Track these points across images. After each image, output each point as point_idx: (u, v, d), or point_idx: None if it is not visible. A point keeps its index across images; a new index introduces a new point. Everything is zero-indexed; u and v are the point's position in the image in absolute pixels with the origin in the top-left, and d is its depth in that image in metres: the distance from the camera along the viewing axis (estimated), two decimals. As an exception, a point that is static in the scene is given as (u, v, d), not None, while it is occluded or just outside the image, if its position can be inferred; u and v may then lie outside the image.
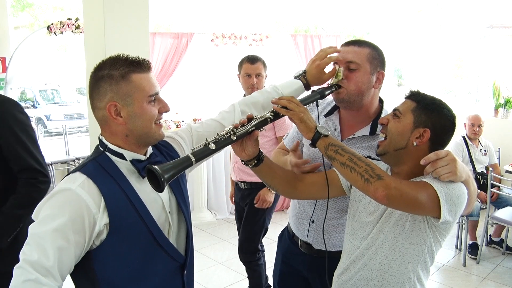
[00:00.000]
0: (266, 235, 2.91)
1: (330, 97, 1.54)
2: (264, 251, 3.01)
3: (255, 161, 1.35)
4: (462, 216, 3.52)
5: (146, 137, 1.18)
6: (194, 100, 5.43)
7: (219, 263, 3.67)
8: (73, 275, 1.14)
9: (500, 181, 4.00)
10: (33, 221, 1.07)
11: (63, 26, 4.70)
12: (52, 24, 4.74)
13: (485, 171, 3.95)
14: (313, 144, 1.27)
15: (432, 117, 1.27)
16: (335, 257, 1.51)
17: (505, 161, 4.70)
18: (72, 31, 4.75)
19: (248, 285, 2.96)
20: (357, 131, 1.55)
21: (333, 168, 1.45)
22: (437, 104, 1.29)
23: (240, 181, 2.84)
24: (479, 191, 3.74)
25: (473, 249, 3.79)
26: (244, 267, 2.94)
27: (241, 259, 2.88)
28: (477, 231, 3.91)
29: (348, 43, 1.51)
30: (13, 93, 4.94)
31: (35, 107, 10.38)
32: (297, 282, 1.74)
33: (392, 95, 5.95)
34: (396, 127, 1.30)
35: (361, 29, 8.10)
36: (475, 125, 4.03)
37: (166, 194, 1.26)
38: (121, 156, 1.17)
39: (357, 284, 1.36)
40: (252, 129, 1.24)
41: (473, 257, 3.74)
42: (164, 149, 1.32)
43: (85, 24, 2.88)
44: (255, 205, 2.67)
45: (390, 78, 7.34)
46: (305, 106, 1.32)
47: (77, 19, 4.73)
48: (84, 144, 5.49)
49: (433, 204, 1.17)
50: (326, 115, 1.63)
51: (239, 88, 2.83)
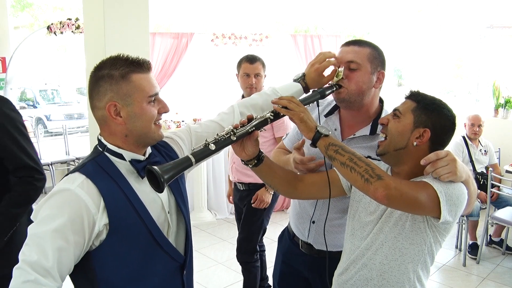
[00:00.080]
0: (266, 235, 2.91)
1: (330, 97, 1.54)
2: (265, 250, 3.01)
3: (255, 161, 1.35)
4: (462, 216, 3.51)
5: (146, 137, 1.18)
6: (194, 100, 5.42)
7: (219, 263, 3.67)
8: (72, 276, 1.14)
9: (500, 181, 4.00)
10: (29, 220, 1.07)
11: (63, 26, 4.71)
12: (52, 24, 4.75)
13: (485, 171, 3.95)
14: (313, 144, 1.27)
15: (432, 117, 1.27)
16: (335, 257, 1.50)
17: (505, 161, 4.70)
18: (72, 31, 4.76)
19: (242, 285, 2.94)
20: (357, 131, 1.55)
21: (333, 168, 1.45)
22: (437, 104, 1.29)
23: (238, 182, 2.83)
24: (479, 191, 3.74)
25: (473, 249, 3.79)
26: (244, 268, 2.94)
27: (238, 259, 2.87)
28: (477, 231, 3.91)
29: (349, 43, 1.51)
30: (13, 93, 4.94)
31: (35, 107, 10.39)
32: (297, 283, 1.74)
33: (392, 95, 5.95)
34: (396, 127, 1.30)
35: (361, 29, 8.10)
36: (475, 125, 4.03)
37: (165, 194, 1.26)
38: (120, 156, 1.17)
39: (357, 284, 1.37)
40: (252, 129, 1.25)
41: (473, 257, 3.74)
42: (163, 149, 1.32)
43: (85, 24, 2.88)
44: (253, 205, 2.67)
45: (390, 78, 7.34)
46: (305, 106, 1.32)
47: (77, 19, 4.74)
48: (84, 144, 5.50)
49: (433, 204, 1.17)
50: (326, 115, 1.64)
51: (239, 88, 2.83)
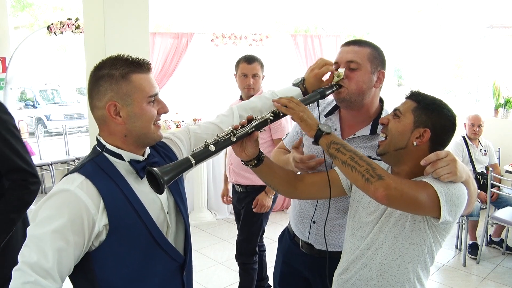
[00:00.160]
0: (266, 235, 2.90)
1: (330, 97, 1.54)
2: (265, 250, 3.01)
3: (255, 161, 1.35)
4: (462, 216, 3.51)
5: (145, 137, 1.18)
6: (194, 100, 5.42)
7: (219, 263, 3.67)
8: (72, 276, 1.14)
9: (500, 181, 4.00)
10: (23, 224, 1.06)
11: (63, 26, 4.71)
12: (52, 24, 4.74)
13: (485, 171, 3.95)
14: (315, 142, 1.27)
15: (433, 117, 1.27)
16: (336, 257, 1.50)
17: (505, 161, 4.70)
18: (72, 31, 4.76)
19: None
20: (357, 131, 1.55)
21: (334, 168, 1.45)
22: (437, 104, 1.29)
23: (236, 184, 2.82)
24: (479, 191, 3.74)
25: (473, 249, 3.79)
26: (243, 268, 2.94)
27: (237, 260, 2.86)
28: (477, 231, 3.90)
29: (349, 43, 1.51)
30: (13, 93, 4.94)
31: (35, 107, 10.38)
32: (297, 283, 1.74)
33: (392, 95, 5.96)
34: (396, 127, 1.30)
35: (361, 29, 8.09)
36: (475, 125, 4.03)
37: (164, 194, 1.25)
38: (119, 157, 1.17)
39: (357, 283, 1.37)
40: (252, 130, 1.25)
41: (473, 257, 3.74)
42: (162, 150, 1.32)
43: (85, 24, 2.88)
44: (254, 210, 2.66)
45: (390, 78, 7.34)
46: (306, 106, 1.32)
47: (77, 19, 4.74)
48: (84, 144, 5.50)
49: (433, 204, 1.17)
50: (327, 115, 1.64)
51: (239, 88, 2.82)
